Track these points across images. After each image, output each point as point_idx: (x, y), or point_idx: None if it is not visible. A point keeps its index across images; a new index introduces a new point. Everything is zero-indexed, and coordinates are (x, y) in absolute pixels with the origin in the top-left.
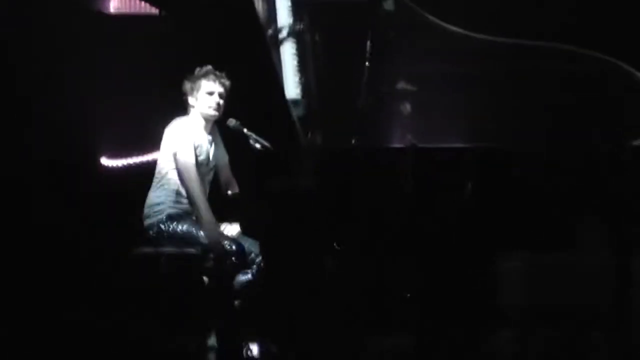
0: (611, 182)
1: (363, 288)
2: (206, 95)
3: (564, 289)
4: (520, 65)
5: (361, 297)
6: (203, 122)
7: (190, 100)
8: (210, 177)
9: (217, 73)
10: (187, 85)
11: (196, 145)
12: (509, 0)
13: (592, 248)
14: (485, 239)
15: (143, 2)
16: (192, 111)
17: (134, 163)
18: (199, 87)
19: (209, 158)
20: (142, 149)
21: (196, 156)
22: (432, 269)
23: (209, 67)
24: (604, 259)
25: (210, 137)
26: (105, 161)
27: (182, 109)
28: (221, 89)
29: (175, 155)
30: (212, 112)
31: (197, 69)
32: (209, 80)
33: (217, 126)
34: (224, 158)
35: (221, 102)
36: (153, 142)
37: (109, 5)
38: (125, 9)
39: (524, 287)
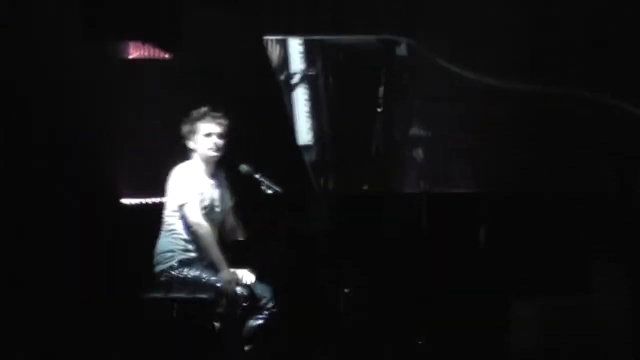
0: (623, 223)
1: (375, 332)
2: (204, 137)
3: (579, 332)
4: (530, 109)
5: (373, 340)
6: (204, 166)
7: (190, 144)
8: (220, 219)
9: (214, 114)
10: (186, 129)
11: (199, 192)
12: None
13: (607, 290)
14: (499, 284)
15: (158, 48)
16: (193, 155)
17: (153, 203)
18: (197, 129)
19: (213, 203)
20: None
21: (201, 203)
22: (445, 313)
23: (205, 108)
24: (619, 302)
25: (213, 181)
26: (125, 201)
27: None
28: (219, 129)
29: (181, 208)
30: (213, 154)
31: (194, 112)
32: (206, 121)
33: (223, 169)
34: (229, 203)
35: (220, 142)
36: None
37: (127, 51)
38: (141, 54)
39: (539, 332)
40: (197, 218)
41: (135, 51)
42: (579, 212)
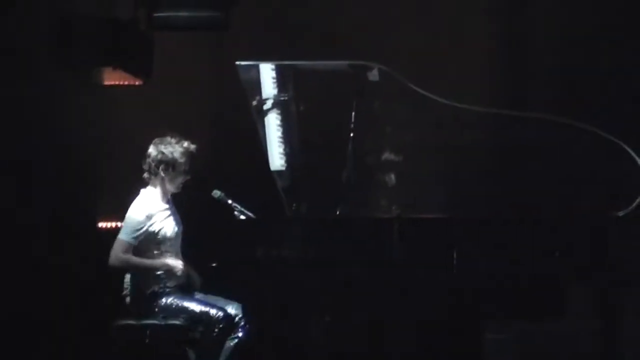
0: (597, 251)
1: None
2: (181, 164)
3: (553, 357)
4: (504, 135)
5: None
6: (162, 193)
7: (164, 173)
8: (178, 244)
9: (183, 141)
10: (162, 157)
11: (154, 222)
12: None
13: (580, 316)
14: (473, 308)
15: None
16: (158, 183)
17: None
18: (175, 157)
19: (171, 230)
20: None
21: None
22: (420, 338)
23: (177, 137)
24: (593, 326)
25: (168, 206)
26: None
27: None
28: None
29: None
30: (185, 180)
31: (166, 140)
32: (180, 148)
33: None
34: (181, 226)
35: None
36: None
37: (102, 79)
38: (114, 81)
39: (514, 357)
40: (114, 255)
41: (108, 78)
42: (551, 238)
